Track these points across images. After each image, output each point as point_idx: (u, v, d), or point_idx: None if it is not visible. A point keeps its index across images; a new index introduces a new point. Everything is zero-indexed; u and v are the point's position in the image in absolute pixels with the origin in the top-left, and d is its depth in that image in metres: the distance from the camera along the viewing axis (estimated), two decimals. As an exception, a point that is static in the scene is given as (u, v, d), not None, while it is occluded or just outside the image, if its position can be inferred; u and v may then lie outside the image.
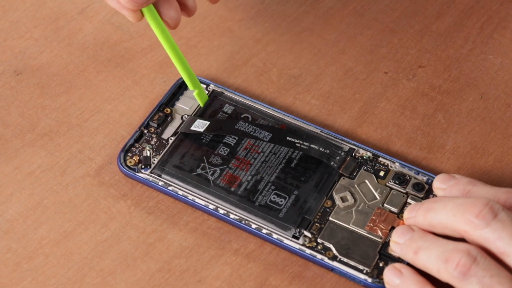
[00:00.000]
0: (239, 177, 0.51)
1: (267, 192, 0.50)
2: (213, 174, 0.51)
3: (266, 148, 0.52)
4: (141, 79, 0.57)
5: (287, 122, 0.53)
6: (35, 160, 0.53)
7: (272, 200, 0.50)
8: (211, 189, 0.50)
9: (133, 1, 0.49)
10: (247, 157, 0.51)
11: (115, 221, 0.51)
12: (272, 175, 0.51)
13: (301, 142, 0.50)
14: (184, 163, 0.51)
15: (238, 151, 0.52)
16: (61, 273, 0.49)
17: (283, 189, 0.51)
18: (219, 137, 0.52)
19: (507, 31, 0.59)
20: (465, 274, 0.43)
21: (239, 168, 0.51)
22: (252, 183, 0.51)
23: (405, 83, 0.57)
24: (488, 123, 0.55)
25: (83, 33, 0.59)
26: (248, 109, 0.54)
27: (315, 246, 0.49)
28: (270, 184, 0.51)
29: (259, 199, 0.50)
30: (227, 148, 0.52)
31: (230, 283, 0.49)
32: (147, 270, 0.49)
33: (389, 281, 0.46)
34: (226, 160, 0.51)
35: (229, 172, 0.51)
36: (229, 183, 0.51)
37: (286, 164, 0.51)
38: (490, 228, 0.44)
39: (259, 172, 0.51)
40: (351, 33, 0.59)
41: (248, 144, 0.52)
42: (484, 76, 0.57)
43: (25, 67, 0.57)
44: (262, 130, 0.52)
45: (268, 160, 0.51)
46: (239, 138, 0.52)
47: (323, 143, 0.51)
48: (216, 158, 0.51)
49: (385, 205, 0.50)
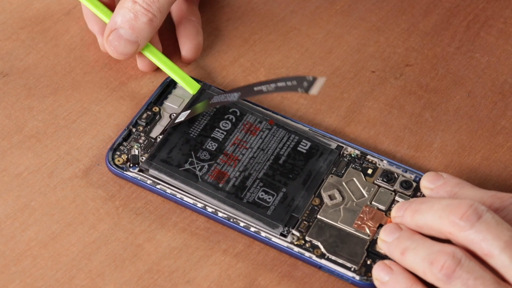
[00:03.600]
0: (227, 173, 0.51)
1: (255, 189, 0.50)
2: (201, 169, 0.51)
3: (254, 144, 0.52)
4: (129, 80, 0.57)
5: (275, 118, 0.53)
6: (23, 162, 0.53)
7: (260, 197, 0.50)
8: (199, 185, 0.50)
9: (118, 54, 0.54)
10: (235, 153, 0.51)
11: (103, 222, 0.51)
12: (260, 172, 0.51)
13: (267, 85, 0.49)
14: (172, 158, 0.51)
15: (226, 146, 0.52)
16: (49, 275, 0.49)
17: (271, 186, 0.50)
18: (207, 132, 0.52)
19: (494, 30, 0.60)
20: (449, 277, 0.44)
21: (227, 164, 0.51)
22: (240, 180, 0.51)
23: (392, 82, 0.57)
24: (475, 121, 0.55)
25: (70, 34, 0.59)
26: (237, 104, 0.54)
27: (303, 244, 0.49)
28: (258, 180, 0.51)
29: (247, 196, 0.50)
30: (215, 143, 0.52)
31: (219, 283, 0.49)
32: (136, 271, 0.49)
33: (378, 278, 0.46)
34: (214, 155, 0.51)
35: (217, 167, 0.51)
36: (217, 179, 0.50)
37: (274, 161, 0.51)
38: (475, 230, 0.44)
39: (247, 168, 0.51)
40: (338, 33, 0.59)
41: (236, 139, 0.52)
42: (470, 74, 0.58)
43: (12, 68, 0.57)
44: (231, 93, 0.52)
45: (256, 156, 0.51)
46: (227, 133, 0.52)
47: (289, 79, 0.49)
48: (204, 153, 0.51)
49: (373, 203, 0.51)
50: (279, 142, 0.52)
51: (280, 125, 0.53)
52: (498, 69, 0.58)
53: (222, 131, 0.52)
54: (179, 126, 0.53)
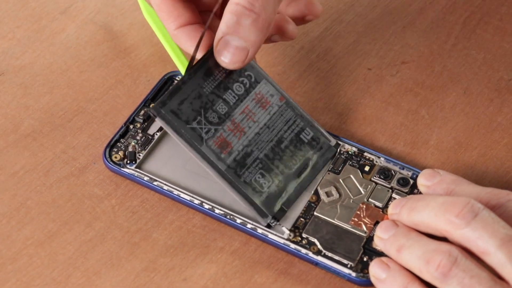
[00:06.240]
0: (231, 144, 0.50)
1: (254, 169, 0.50)
2: (208, 132, 0.49)
3: (261, 119, 0.51)
4: (125, 78, 0.57)
5: (286, 96, 0.52)
6: (19, 161, 0.53)
7: (257, 179, 0.49)
8: (202, 149, 0.49)
9: (228, 63, 0.49)
10: (242, 123, 0.50)
11: (100, 220, 0.51)
12: (262, 151, 0.50)
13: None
14: (181, 111, 0.49)
15: (235, 114, 0.50)
16: (45, 274, 0.49)
17: (269, 171, 0.50)
18: (220, 91, 0.50)
19: (490, 26, 0.60)
20: (445, 275, 0.44)
21: (232, 133, 0.50)
22: (242, 155, 0.50)
23: (388, 79, 0.57)
24: (471, 118, 0.55)
25: (66, 32, 0.59)
26: (253, 68, 0.52)
27: (300, 241, 0.49)
28: (258, 161, 0.50)
29: (245, 175, 0.49)
30: (225, 106, 0.50)
31: (215, 281, 0.49)
32: (132, 269, 0.49)
33: (375, 275, 0.46)
34: (222, 120, 0.50)
35: (223, 135, 0.50)
36: (221, 148, 0.49)
37: (277, 144, 0.51)
38: (471, 228, 0.44)
39: (251, 144, 0.50)
40: (334, 30, 0.59)
41: (246, 109, 0.50)
42: (467, 71, 0.58)
43: (8, 67, 0.57)
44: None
45: (262, 134, 0.50)
46: (238, 99, 0.50)
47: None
48: (213, 115, 0.50)
49: (370, 200, 0.51)
50: (285, 124, 0.51)
51: (289, 104, 0.52)
52: (494, 66, 0.58)
53: (234, 94, 0.50)
54: (195, 76, 0.50)
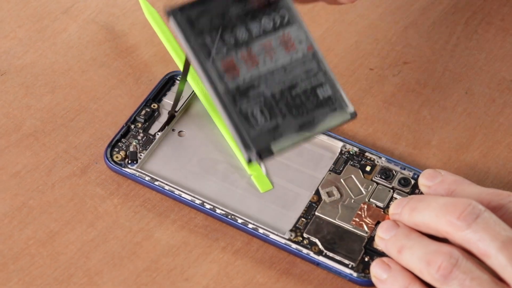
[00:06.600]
0: (238, 70, 0.46)
1: (254, 102, 0.46)
2: (218, 52, 0.46)
3: (280, 59, 0.47)
4: (127, 78, 0.57)
5: (315, 49, 0.49)
6: (21, 160, 0.53)
7: (253, 113, 0.46)
8: (207, 65, 0.45)
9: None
10: (259, 56, 0.46)
11: (102, 220, 0.51)
12: (269, 89, 0.46)
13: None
14: (199, 22, 0.46)
15: (254, 44, 0.46)
16: (47, 274, 0.49)
17: (270, 109, 0.46)
18: (246, 19, 0.47)
19: (491, 27, 0.60)
20: (446, 277, 0.43)
21: (244, 61, 0.46)
22: (245, 85, 0.46)
23: (390, 79, 0.57)
24: (473, 118, 0.55)
25: (68, 32, 0.59)
26: (289, 9, 0.48)
27: (301, 241, 0.49)
28: (262, 97, 0.46)
29: (242, 105, 0.46)
30: (246, 34, 0.46)
31: (217, 281, 0.49)
32: (134, 269, 0.49)
33: (376, 275, 0.46)
34: (239, 46, 0.46)
35: (233, 59, 0.46)
36: (226, 70, 0.46)
37: (288, 88, 0.46)
38: (472, 230, 0.44)
39: (260, 78, 0.46)
40: (336, 30, 0.59)
41: (268, 44, 0.47)
42: (468, 71, 0.58)
43: (10, 67, 0.57)
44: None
45: (275, 73, 0.46)
46: (263, 33, 0.47)
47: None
48: (231, 38, 0.46)
49: (371, 200, 0.51)
50: (305, 73, 0.47)
51: (316, 57, 0.47)
52: (496, 66, 0.58)
53: (260, 27, 0.47)
54: None
